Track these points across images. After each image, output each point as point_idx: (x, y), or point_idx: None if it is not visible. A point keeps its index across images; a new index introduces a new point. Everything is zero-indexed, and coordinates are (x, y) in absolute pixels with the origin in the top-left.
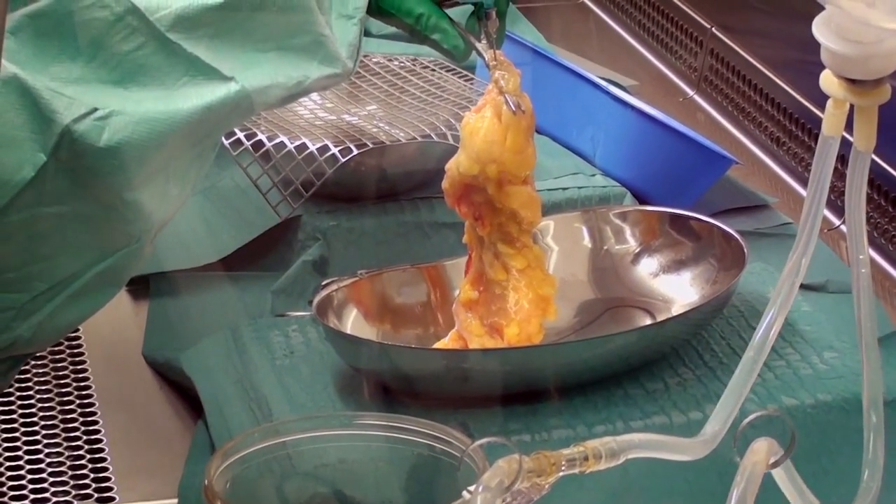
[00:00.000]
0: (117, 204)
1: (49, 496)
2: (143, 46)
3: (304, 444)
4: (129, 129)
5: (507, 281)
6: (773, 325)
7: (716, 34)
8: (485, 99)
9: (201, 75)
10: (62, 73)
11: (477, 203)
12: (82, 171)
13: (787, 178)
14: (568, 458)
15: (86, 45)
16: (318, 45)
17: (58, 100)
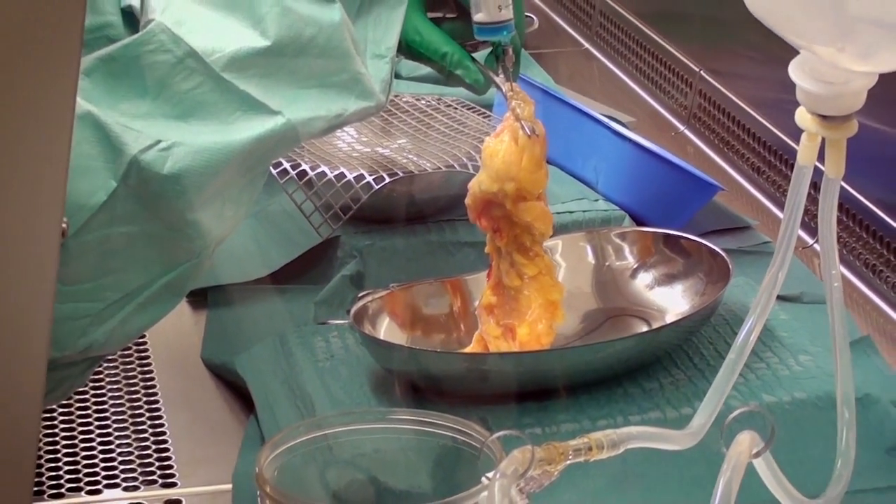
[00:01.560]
0: (180, 224)
1: (119, 482)
2: (200, 85)
3: (342, 437)
4: (189, 159)
5: (521, 287)
6: (753, 331)
7: (704, 76)
8: (503, 125)
9: (252, 110)
10: (131, 109)
11: (496, 217)
12: (148, 195)
13: (767, 202)
14: (574, 448)
15: (151, 84)
16: (355, 82)
17: (127, 133)
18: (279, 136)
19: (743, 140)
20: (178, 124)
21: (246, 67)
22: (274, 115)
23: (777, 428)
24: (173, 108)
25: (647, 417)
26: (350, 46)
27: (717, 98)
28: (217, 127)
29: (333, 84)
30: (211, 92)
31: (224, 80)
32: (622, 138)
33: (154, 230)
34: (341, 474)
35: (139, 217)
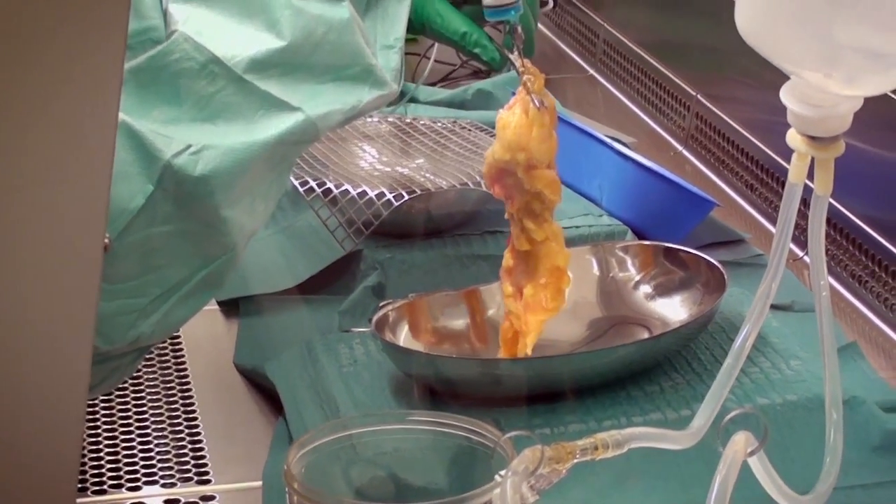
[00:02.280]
0: (214, 221)
1: (157, 479)
2: (224, 88)
3: (365, 437)
4: (218, 160)
5: (531, 251)
6: (748, 337)
7: (700, 100)
8: (515, 98)
9: (274, 108)
10: (161, 116)
11: (508, 185)
12: (183, 196)
13: (760, 217)
14: (581, 447)
15: (178, 91)
16: (368, 73)
17: (159, 139)
18: (300, 131)
19: (737, 159)
20: (205, 127)
21: (265, 68)
22: (294, 112)
23: (770, 428)
24: (200, 112)
25: (648, 419)
26: (360, 40)
27: (712, 120)
28: (242, 127)
29: (347, 77)
30: (234, 94)
31: (246, 81)
32: (624, 158)
33: (190, 228)
34: (364, 471)
35: (176, 217)
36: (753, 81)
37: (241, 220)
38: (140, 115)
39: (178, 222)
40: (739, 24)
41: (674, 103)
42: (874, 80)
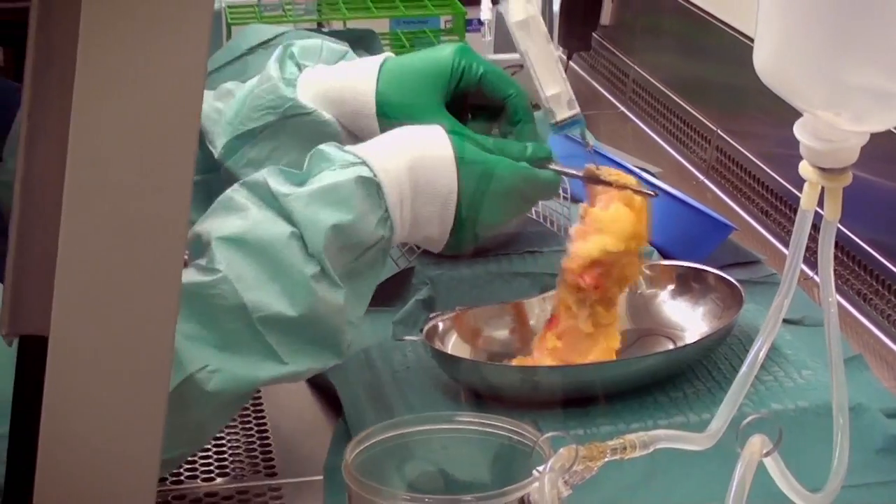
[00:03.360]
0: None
1: (229, 471)
2: (239, 330)
3: (416, 436)
4: (226, 384)
5: (593, 334)
6: (762, 349)
7: (720, 135)
8: (607, 197)
9: (269, 358)
10: (189, 330)
11: (597, 275)
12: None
13: (774, 240)
14: (612, 447)
15: (205, 317)
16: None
17: (186, 352)
18: (284, 378)
19: (753, 188)
20: (222, 354)
21: (273, 324)
22: (284, 366)
23: (783, 432)
24: (216, 339)
25: (672, 422)
26: (343, 322)
27: (731, 153)
28: (247, 363)
29: (324, 344)
30: (247, 337)
31: (258, 331)
32: (651, 186)
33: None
34: (415, 467)
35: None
36: (769, 118)
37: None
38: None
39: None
40: (757, 66)
41: (696, 137)
42: (879, 118)
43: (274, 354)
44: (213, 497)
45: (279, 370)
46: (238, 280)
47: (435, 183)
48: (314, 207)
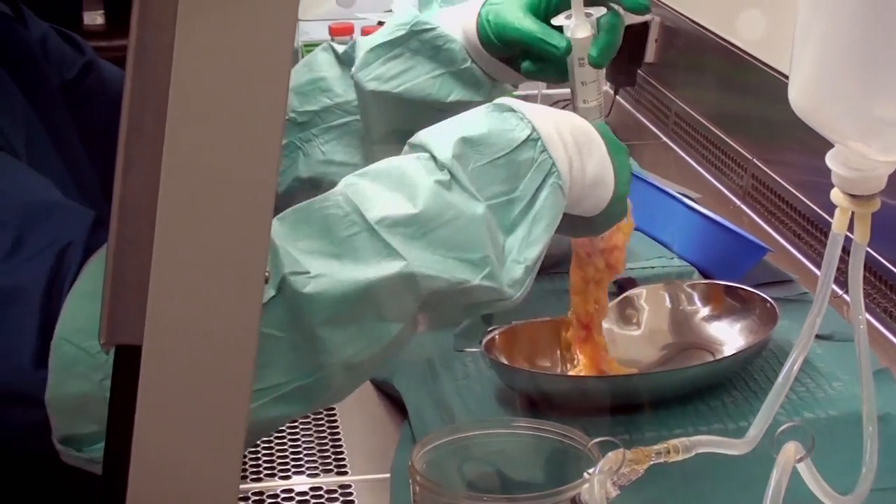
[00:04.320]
0: (311, 336)
1: (304, 469)
2: (356, 234)
3: (476, 439)
4: (326, 286)
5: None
6: (796, 362)
7: (756, 163)
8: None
9: (389, 257)
10: (303, 246)
11: (615, 259)
12: (293, 308)
13: (806, 262)
14: (656, 451)
15: (321, 229)
16: (483, 264)
17: (287, 257)
18: (400, 281)
19: (787, 213)
20: (331, 261)
21: (394, 225)
22: (400, 262)
23: (816, 439)
24: (333, 248)
25: (712, 428)
26: (486, 237)
27: (766, 180)
28: (357, 266)
29: (462, 259)
30: (363, 240)
31: (376, 231)
32: (692, 210)
33: (296, 339)
34: (474, 468)
35: (286, 325)
36: (801, 148)
37: (337, 344)
38: (286, 240)
39: (287, 331)
40: (792, 100)
41: (734, 165)
42: None
43: (391, 253)
44: (290, 493)
45: (392, 269)
46: (356, 194)
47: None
48: (444, 127)
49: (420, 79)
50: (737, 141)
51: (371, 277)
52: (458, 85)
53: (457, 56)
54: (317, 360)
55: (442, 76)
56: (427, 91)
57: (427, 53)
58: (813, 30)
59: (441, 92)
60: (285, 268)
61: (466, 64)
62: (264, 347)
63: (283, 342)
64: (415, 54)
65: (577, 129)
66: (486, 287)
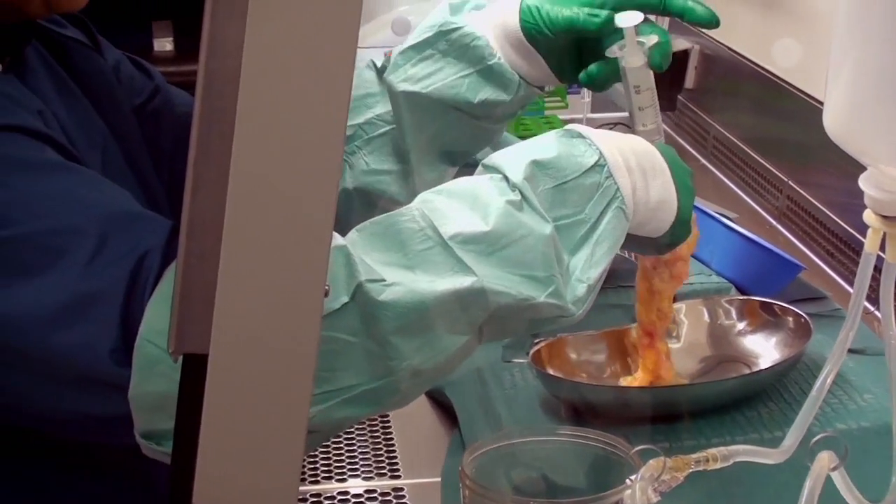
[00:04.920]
0: (383, 342)
1: (359, 473)
2: (430, 248)
3: (522, 445)
4: (400, 294)
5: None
6: (829, 375)
7: (791, 185)
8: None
9: (460, 272)
10: (379, 257)
11: (679, 270)
12: (367, 315)
13: (839, 279)
14: (696, 459)
15: (397, 242)
16: (549, 282)
17: (364, 266)
18: (471, 294)
19: (821, 232)
20: (405, 272)
21: (466, 242)
22: (471, 277)
23: (849, 449)
24: (407, 261)
25: (748, 438)
26: (552, 257)
27: (801, 201)
28: (431, 278)
29: (529, 276)
30: (436, 254)
31: (449, 246)
32: (730, 230)
33: (368, 345)
34: (521, 473)
35: (359, 331)
36: (835, 170)
37: (407, 351)
38: (362, 251)
39: (360, 337)
40: (827, 125)
41: (769, 187)
42: None
43: (463, 268)
44: (346, 495)
45: (464, 283)
46: (431, 210)
47: (652, 158)
48: (516, 150)
49: (449, 79)
50: (772, 163)
51: (443, 290)
52: (486, 84)
53: (483, 52)
54: (387, 365)
55: (470, 76)
56: (456, 90)
57: (455, 54)
58: (847, 58)
59: (469, 91)
60: (361, 275)
61: (494, 60)
62: (337, 351)
63: (356, 347)
64: (444, 55)
65: (642, 154)
66: (550, 304)
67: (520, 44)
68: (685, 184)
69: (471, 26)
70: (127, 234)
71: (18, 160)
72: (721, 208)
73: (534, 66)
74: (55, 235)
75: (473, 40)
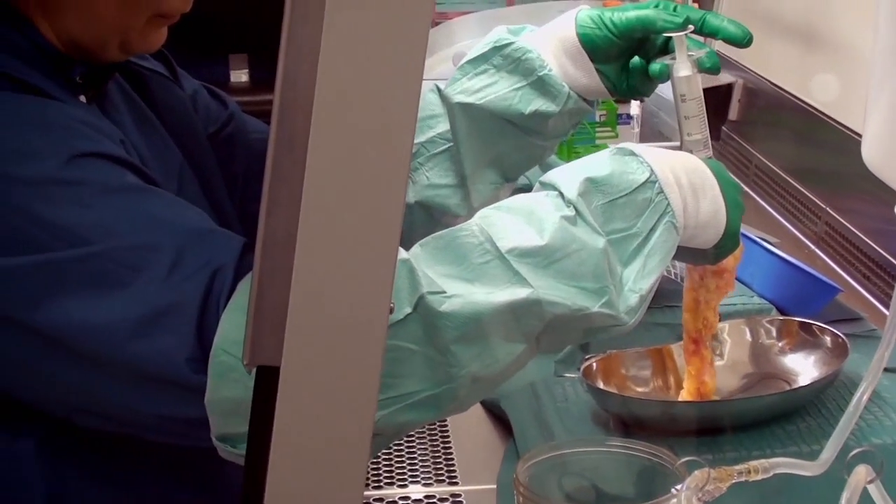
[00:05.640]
0: (444, 351)
1: (419, 478)
2: (489, 262)
3: (573, 455)
4: (460, 306)
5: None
6: (865, 392)
7: (829, 211)
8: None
9: (517, 284)
10: (441, 270)
11: (725, 281)
12: (428, 325)
13: (874, 301)
14: (738, 471)
15: (457, 256)
16: (602, 292)
17: (426, 279)
18: (526, 305)
19: (857, 257)
20: (464, 284)
21: (523, 255)
22: (527, 289)
23: (885, 462)
24: (467, 273)
25: (787, 451)
26: (605, 269)
27: (838, 227)
28: (489, 290)
29: (583, 288)
30: (494, 267)
31: (506, 260)
32: (770, 253)
33: (429, 353)
34: (571, 481)
35: (421, 340)
36: (871, 198)
37: (467, 359)
38: (425, 264)
39: (422, 345)
40: (865, 156)
41: (809, 213)
42: None
43: (520, 280)
44: (406, 500)
45: (520, 294)
46: (490, 225)
47: (702, 174)
48: (571, 168)
49: (502, 91)
50: (811, 191)
51: (501, 301)
52: (537, 95)
53: (534, 64)
54: (447, 372)
55: (522, 88)
56: (508, 102)
57: (508, 67)
58: (884, 91)
59: (521, 103)
60: (423, 287)
61: (544, 71)
62: (400, 359)
63: (418, 355)
64: (498, 69)
65: (692, 171)
66: (604, 314)
67: (576, 51)
68: (734, 199)
69: (524, 42)
70: (201, 251)
71: (103, 184)
72: (763, 233)
73: (586, 75)
74: (136, 252)
75: (525, 54)
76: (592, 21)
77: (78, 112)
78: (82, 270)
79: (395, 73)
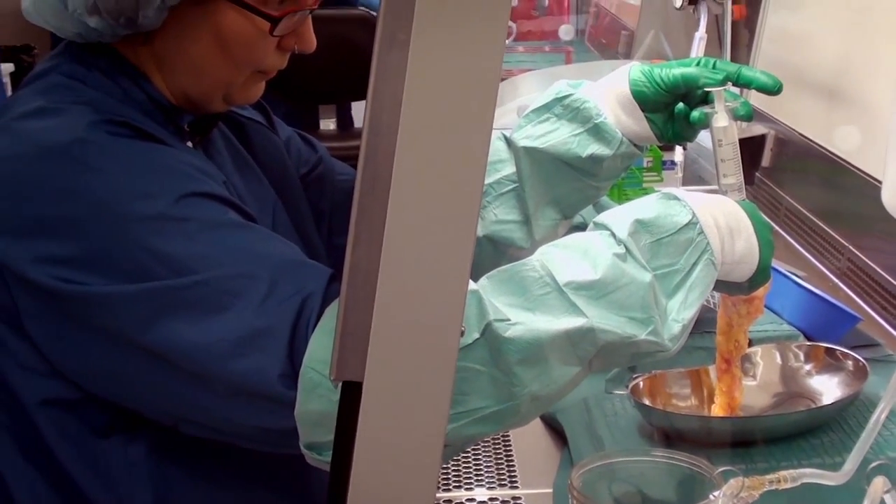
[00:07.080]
0: (508, 372)
1: (483, 481)
2: (548, 294)
3: (621, 464)
4: (522, 332)
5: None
6: (884, 411)
7: (851, 249)
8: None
9: (573, 314)
10: (505, 300)
11: (755, 307)
12: (494, 349)
13: (891, 329)
14: (769, 480)
15: (519, 288)
16: (648, 321)
17: (492, 308)
18: (581, 333)
19: (876, 290)
20: (526, 313)
21: (579, 288)
22: (582, 318)
23: None
24: (528, 303)
25: (812, 462)
26: (651, 301)
27: (859, 263)
28: (548, 319)
29: (632, 318)
30: (553, 298)
31: (564, 292)
32: (798, 285)
33: (494, 374)
34: (619, 487)
35: (487, 362)
36: (888, 237)
37: (527, 380)
38: (493, 294)
39: (488, 366)
40: (885, 200)
41: (833, 250)
42: None
43: (576, 311)
44: (472, 502)
45: (576, 323)
46: (549, 261)
47: (738, 216)
48: (622, 210)
49: (562, 137)
50: (835, 230)
51: (558, 329)
52: (592, 140)
53: (591, 113)
54: (510, 391)
55: (580, 134)
56: (567, 146)
57: (568, 116)
58: None
59: (579, 147)
60: (490, 315)
61: (600, 119)
62: (468, 379)
63: (484, 375)
64: (559, 118)
65: (729, 213)
66: (650, 341)
67: (628, 102)
68: (766, 238)
69: (582, 93)
70: (293, 280)
71: (207, 220)
72: (791, 268)
73: (637, 122)
74: (235, 280)
75: (583, 104)
76: (644, 76)
77: (186, 156)
78: (188, 296)
79: (468, 123)
